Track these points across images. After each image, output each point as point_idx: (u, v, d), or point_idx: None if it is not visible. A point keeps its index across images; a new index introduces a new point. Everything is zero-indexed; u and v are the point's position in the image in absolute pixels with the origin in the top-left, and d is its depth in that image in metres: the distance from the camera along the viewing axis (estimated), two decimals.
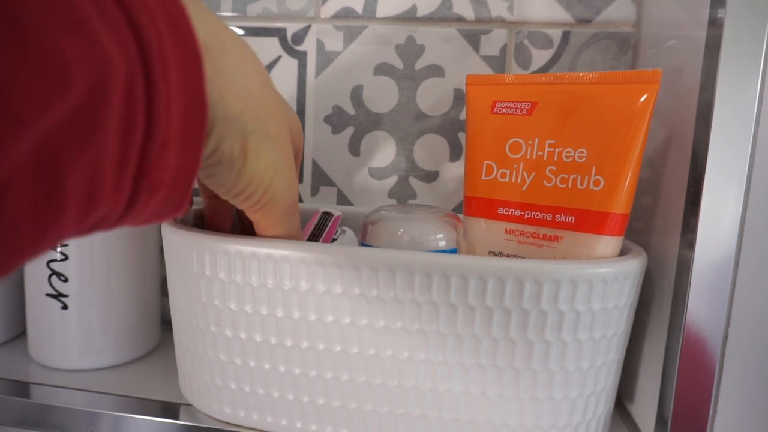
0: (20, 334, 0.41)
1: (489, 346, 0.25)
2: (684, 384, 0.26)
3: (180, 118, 0.15)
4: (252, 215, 0.24)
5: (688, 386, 0.26)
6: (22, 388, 0.33)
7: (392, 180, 0.41)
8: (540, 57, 0.38)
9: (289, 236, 0.26)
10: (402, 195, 0.42)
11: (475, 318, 0.25)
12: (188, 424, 0.30)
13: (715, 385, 0.26)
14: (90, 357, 0.36)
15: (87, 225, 0.14)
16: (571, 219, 0.27)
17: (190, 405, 0.31)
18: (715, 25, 0.25)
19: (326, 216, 0.33)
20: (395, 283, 0.25)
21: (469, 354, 0.25)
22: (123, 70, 0.13)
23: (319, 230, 0.32)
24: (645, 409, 0.30)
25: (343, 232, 0.34)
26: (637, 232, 0.33)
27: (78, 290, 0.34)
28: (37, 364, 0.36)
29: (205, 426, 0.30)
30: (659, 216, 0.30)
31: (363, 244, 0.31)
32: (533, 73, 0.39)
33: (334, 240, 0.33)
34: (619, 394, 0.34)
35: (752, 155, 0.24)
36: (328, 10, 0.40)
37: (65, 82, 0.12)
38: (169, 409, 0.32)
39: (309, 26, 0.41)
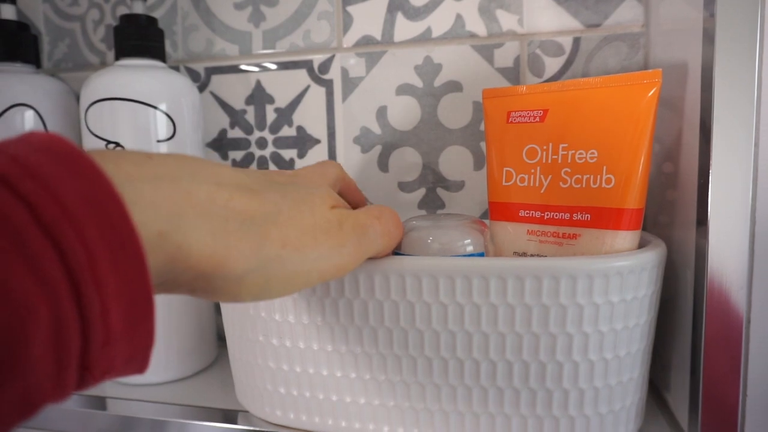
0: None
1: (514, 342, 0.27)
2: (711, 371, 0.27)
3: (122, 317, 0.15)
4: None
5: (715, 373, 0.27)
6: (100, 402, 0.37)
7: (421, 192, 0.44)
8: (553, 65, 0.40)
9: (376, 252, 0.26)
10: (431, 206, 0.44)
11: (498, 316, 0.26)
12: (245, 428, 0.33)
13: (742, 369, 0.27)
14: (155, 372, 0.39)
15: (37, 409, 0.14)
16: (587, 217, 0.29)
17: (247, 411, 0.34)
18: (710, 14, 0.26)
19: None
20: (422, 288, 0.27)
21: (495, 351, 0.27)
22: (42, 306, 0.13)
23: None
24: (679, 398, 0.31)
25: None
26: (663, 225, 0.34)
27: None
28: (112, 380, 0.40)
29: (260, 429, 0.33)
30: (680, 209, 0.31)
31: (396, 253, 0.34)
32: (548, 80, 0.40)
33: None
34: (657, 384, 0.35)
35: (756, 144, 0.25)
36: (349, 40, 0.44)
37: None
38: (228, 416, 0.35)
39: (333, 56, 0.44)
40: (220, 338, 0.45)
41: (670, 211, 0.33)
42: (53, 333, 0.13)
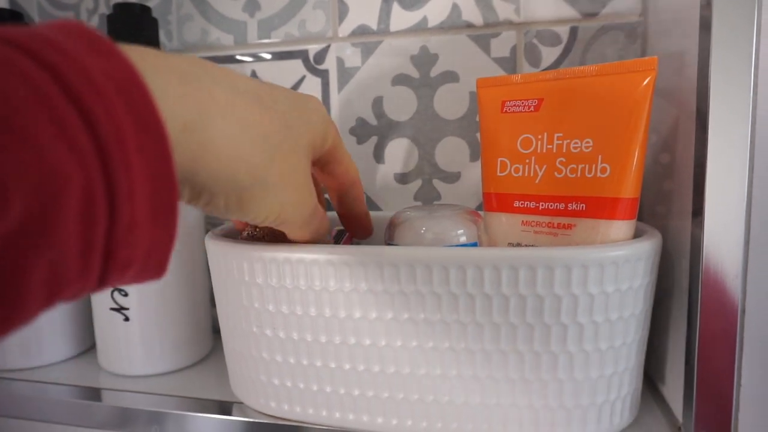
0: (91, 347, 0.45)
1: (508, 332, 0.27)
2: (705, 362, 0.27)
3: (147, 200, 0.15)
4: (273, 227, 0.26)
5: (710, 364, 0.27)
6: (95, 394, 0.37)
7: (417, 183, 0.43)
8: (550, 54, 0.39)
9: (309, 236, 0.28)
10: (427, 197, 0.43)
11: (493, 306, 0.26)
12: (240, 419, 0.33)
13: (736, 361, 0.27)
14: (151, 363, 0.39)
15: (59, 300, 0.15)
16: (582, 207, 0.29)
17: (242, 403, 0.34)
18: (707, 2, 0.25)
19: (341, 233, 0.36)
20: (416, 278, 0.27)
21: (489, 340, 0.27)
22: (75, 174, 0.13)
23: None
24: (674, 389, 0.31)
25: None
26: (660, 216, 0.34)
27: (138, 303, 0.38)
28: (106, 371, 0.40)
29: (254, 420, 0.33)
30: (676, 199, 0.31)
31: (389, 244, 0.34)
32: (545, 70, 0.40)
33: None
34: (652, 376, 0.35)
35: (752, 134, 0.25)
36: (345, 30, 0.43)
37: (4, 201, 0.12)
38: (223, 407, 0.35)
39: (329, 46, 0.44)
40: (216, 330, 0.45)
41: (667, 201, 0.32)
42: (83, 205, 0.13)
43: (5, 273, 0.13)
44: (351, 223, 0.34)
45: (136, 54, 0.16)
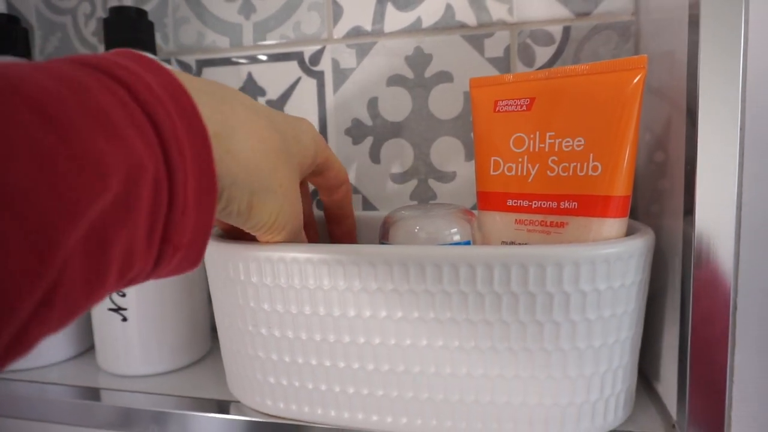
0: (89, 348, 0.45)
1: (501, 330, 0.27)
2: (699, 360, 0.27)
3: (195, 190, 0.18)
4: (260, 238, 0.28)
5: (702, 361, 0.27)
6: (94, 394, 0.38)
7: (413, 183, 0.44)
8: (543, 54, 0.40)
9: None
10: (423, 197, 0.44)
11: (485, 304, 0.27)
12: (237, 418, 0.33)
13: (729, 358, 0.27)
14: (149, 364, 0.39)
15: (124, 282, 0.17)
16: (574, 205, 0.29)
17: (239, 402, 0.35)
18: (695, 0, 0.26)
19: None
20: (409, 276, 0.27)
21: (483, 338, 0.27)
22: (149, 163, 0.16)
23: None
24: (669, 387, 0.31)
25: None
26: (654, 215, 0.34)
27: (136, 304, 0.38)
28: (105, 372, 0.41)
29: (251, 419, 0.33)
30: (669, 198, 0.31)
31: (383, 243, 0.34)
32: (538, 69, 0.40)
33: None
34: (646, 374, 0.35)
35: (742, 131, 0.25)
36: (340, 31, 0.43)
37: (105, 180, 0.15)
38: (221, 406, 0.35)
39: (324, 47, 0.44)
40: (213, 330, 0.45)
41: (661, 200, 0.33)
42: (153, 190, 0.16)
43: (96, 250, 0.15)
44: (337, 229, 0.38)
45: (176, 73, 0.20)
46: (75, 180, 0.14)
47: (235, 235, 0.33)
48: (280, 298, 0.29)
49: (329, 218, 0.38)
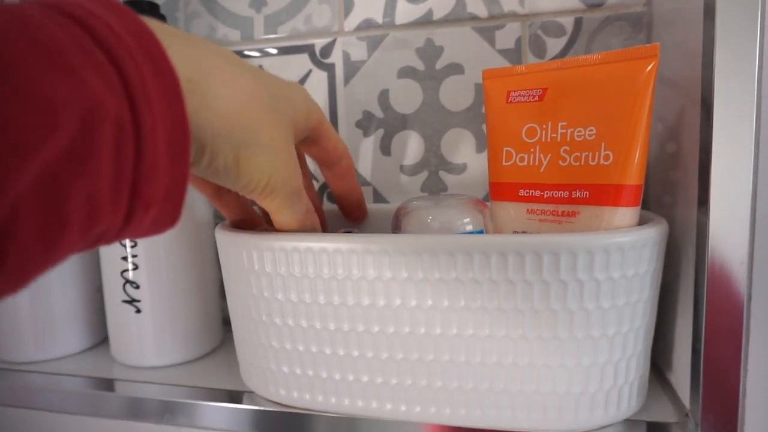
0: (103, 339, 0.46)
1: (515, 318, 0.27)
2: (712, 349, 0.27)
3: (166, 141, 0.17)
4: (259, 202, 0.27)
5: (716, 352, 0.27)
6: (108, 384, 0.38)
7: (423, 175, 0.44)
8: (554, 45, 0.40)
9: (295, 220, 0.29)
10: (434, 188, 0.44)
11: (500, 292, 0.27)
12: (251, 407, 0.34)
13: (743, 347, 0.27)
14: (163, 355, 0.40)
15: (89, 239, 0.16)
16: (586, 194, 0.29)
17: (252, 392, 0.35)
18: None
19: (347, 233, 0.36)
20: (423, 265, 0.27)
21: (497, 326, 0.27)
22: (110, 105, 0.15)
23: None
24: (682, 376, 0.31)
25: None
26: (666, 205, 0.34)
27: (149, 295, 0.39)
28: (119, 363, 0.41)
29: (265, 409, 0.33)
30: (682, 188, 0.31)
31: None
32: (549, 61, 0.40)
33: None
34: (659, 364, 0.35)
35: (757, 122, 0.25)
36: (350, 23, 0.44)
37: (55, 121, 0.14)
38: (234, 396, 0.35)
39: (335, 40, 0.44)
40: (225, 323, 0.46)
41: (673, 190, 0.32)
42: (116, 137, 0.15)
43: (51, 198, 0.14)
44: (346, 203, 0.37)
45: (145, 18, 0.18)
46: (19, 117, 0.13)
47: (248, 226, 0.34)
48: (295, 287, 0.29)
49: (337, 195, 0.37)
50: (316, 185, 0.45)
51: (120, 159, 0.15)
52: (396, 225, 0.34)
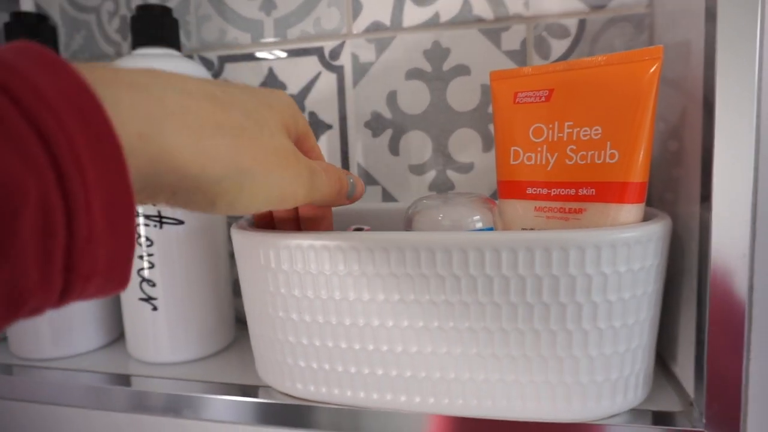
0: (119, 336, 0.47)
1: (525, 312, 0.28)
2: (715, 341, 0.28)
3: (104, 211, 0.15)
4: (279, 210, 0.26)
5: (719, 343, 0.28)
6: (124, 380, 0.39)
7: (431, 174, 0.45)
8: (559, 47, 0.41)
9: (328, 194, 0.28)
10: (442, 187, 0.45)
11: (510, 287, 0.28)
12: (267, 401, 0.34)
13: (745, 338, 0.28)
14: (178, 351, 0.41)
15: (18, 317, 0.15)
16: (592, 191, 0.30)
17: (268, 386, 0.36)
18: None
19: (358, 230, 0.37)
20: (436, 262, 0.28)
21: (507, 320, 0.28)
22: (30, 186, 0.13)
23: None
24: (686, 367, 0.32)
25: None
26: (668, 202, 0.35)
27: (165, 293, 0.40)
28: (135, 359, 0.42)
29: (280, 402, 0.34)
30: (684, 185, 0.32)
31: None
32: (554, 62, 0.41)
33: None
34: (663, 356, 0.36)
35: (758, 119, 0.26)
36: (359, 26, 0.44)
37: None
38: (248, 391, 0.36)
39: (343, 42, 0.45)
40: (238, 320, 0.47)
41: (676, 188, 0.33)
42: (41, 217, 0.14)
43: None
44: (311, 225, 0.34)
45: (86, 69, 0.16)
46: None
47: (266, 224, 0.35)
48: (310, 284, 0.30)
49: (303, 220, 0.33)
50: None
51: (47, 239, 0.14)
52: (407, 224, 0.35)
